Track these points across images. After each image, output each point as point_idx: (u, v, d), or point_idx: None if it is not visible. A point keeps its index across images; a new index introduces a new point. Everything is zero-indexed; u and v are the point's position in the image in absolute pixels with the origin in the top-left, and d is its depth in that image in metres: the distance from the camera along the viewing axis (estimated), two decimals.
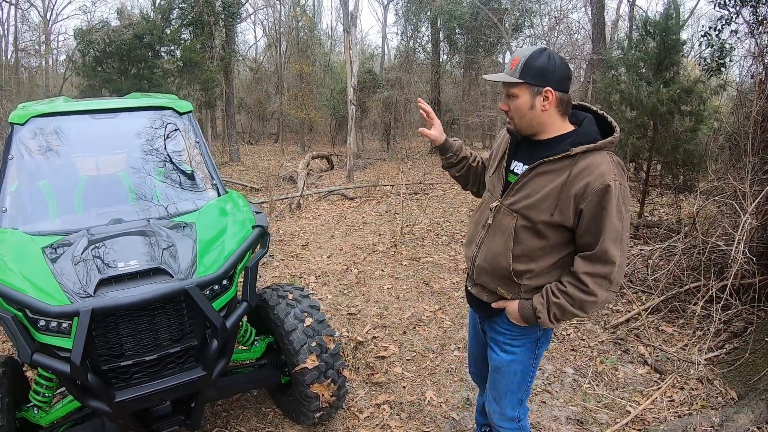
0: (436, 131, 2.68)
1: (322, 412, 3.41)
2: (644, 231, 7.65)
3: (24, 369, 3.28)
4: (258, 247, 3.29)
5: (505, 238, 2.31)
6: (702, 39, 6.84)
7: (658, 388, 4.04)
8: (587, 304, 2.17)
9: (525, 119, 2.23)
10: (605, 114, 2.30)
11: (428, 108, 2.68)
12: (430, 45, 22.75)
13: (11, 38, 27.15)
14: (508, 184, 2.37)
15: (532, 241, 2.26)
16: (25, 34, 28.27)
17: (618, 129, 2.21)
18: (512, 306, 2.36)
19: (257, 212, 3.56)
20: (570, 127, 2.26)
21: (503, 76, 2.22)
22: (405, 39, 23.77)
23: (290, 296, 3.47)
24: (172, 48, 19.01)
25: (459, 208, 10.64)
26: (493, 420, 2.66)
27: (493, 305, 2.45)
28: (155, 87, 16.99)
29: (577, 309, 2.19)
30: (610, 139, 2.16)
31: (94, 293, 2.54)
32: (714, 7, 6.38)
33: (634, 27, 15.80)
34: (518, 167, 2.36)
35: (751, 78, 5.95)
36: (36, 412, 2.97)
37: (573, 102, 2.33)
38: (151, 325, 2.69)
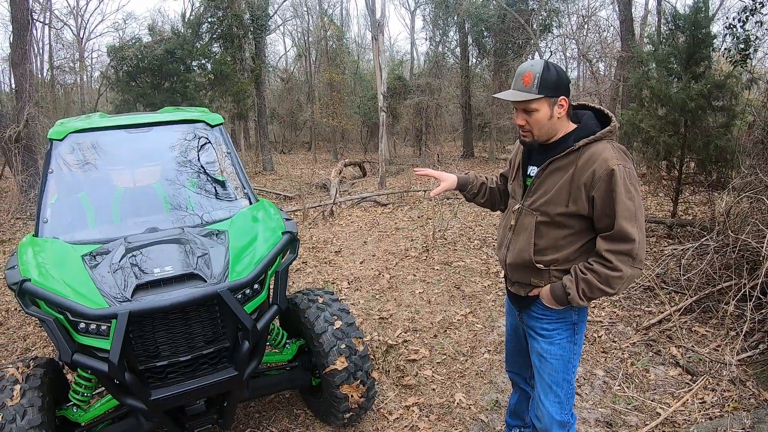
0: (446, 183, 2.89)
1: (351, 413, 3.48)
2: (678, 230, 7.56)
3: (64, 370, 3.42)
4: (288, 252, 3.38)
5: (527, 234, 2.47)
6: (727, 31, 6.73)
7: (690, 390, 4.00)
8: (613, 279, 2.27)
9: (544, 129, 2.38)
10: (602, 108, 2.45)
11: (428, 171, 2.97)
12: (458, 49, 22.76)
13: (46, 56, 28.01)
14: (527, 187, 2.53)
15: (554, 233, 2.41)
16: (59, 52, 29.15)
17: (614, 119, 2.38)
18: (545, 289, 2.49)
19: (287, 219, 3.67)
20: (573, 126, 2.41)
21: (521, 94, 2.32)
22: (433, 44, 23.82)
23: (320, 300, 3.57)
24: (203, 61, 19.45)
25: (491, 212, 10.61)
26: (544, 425, 2.68)
27: (530, 294, 2.58)
28: (188, 100, 17.36)
29: (604, 284, 2.29)
30: (608, 128, 2.33)
31: (131, 297, 2.68)
32: None
33: (663, 21, 15.58)
34: (533, 171, 2.52)
35: None
36: (75, 410, 3.11)
37: (575, 102, 2.50)
38: (185, 327, 2.81)
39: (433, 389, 4.23)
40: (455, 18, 21.44)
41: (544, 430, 2.67)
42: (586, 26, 19.68)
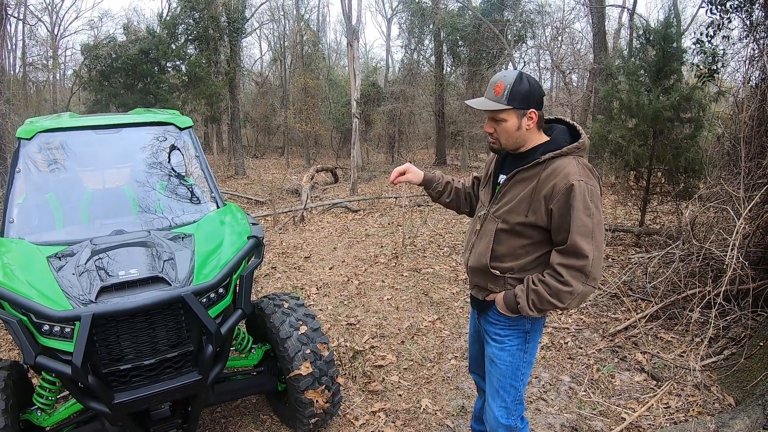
0: (413, 175, 2.88)
1: (316, 419, 3.47)
2: (645, 239, 7.68)
3: (29, 374, 3.36)
4: (253, 256, 3.36)
5: (487, 240, 2.51)
6: (695, 46, 6.88)
7: (654, 395, 4.06)
8: (563, 293, 2.29)
9: (511, 139, 2.42)
10: (575, 124, 2.49)
11: (397, 169, 2.89)
12: (433, 57, 22.86)
13: (19, 53, 27.34)
14: (495, 194, 2.57)
15: (512, 241, 2.44)
16: (33, 48, 28.37)
17: (584, 135, 2.41)
18: (499, 296, 2.52)
19: (254, 224, 3.65)
20: (545, 138, 2.45)
21: (491, 103, 2.36)
22: (408, 52, 23.87)
23: (286, 305, 3.55)
24: (178, 63, 19.27)
25: (461, 219, 10.68)
26: (491, 427, 2.72)
27: (486, 298, 2.61)
28: (161, 102, 17.18)
29: (554, 298, 2.31)
30: (574, 144, 2.36)
31: (95, 299, 2.64)
32: (706, 12, 6.44)
33: (634, 35, 15.88)
34: (502, 179, 2.56)
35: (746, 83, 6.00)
36: (39, 414, 3.07)
37: (552, 116, 2.56)
38: (149, 330, 2.78)
39: (400, 395, 4.24)
40: (431, 27, 21.57)
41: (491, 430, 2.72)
42: (560, 38, 19.94)
